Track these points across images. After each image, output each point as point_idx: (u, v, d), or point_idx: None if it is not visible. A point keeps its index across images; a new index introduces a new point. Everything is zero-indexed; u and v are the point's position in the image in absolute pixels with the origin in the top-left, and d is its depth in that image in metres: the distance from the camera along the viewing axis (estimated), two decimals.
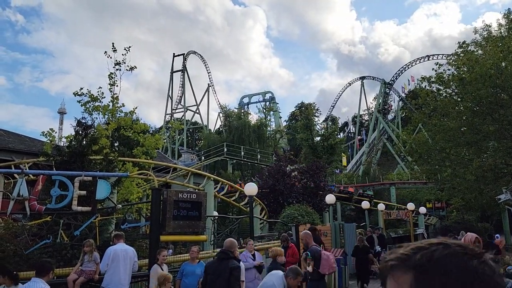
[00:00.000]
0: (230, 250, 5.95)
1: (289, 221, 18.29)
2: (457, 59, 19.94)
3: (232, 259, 5.85)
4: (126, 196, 14.22)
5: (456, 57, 20.18)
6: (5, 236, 8.73)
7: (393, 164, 62.84)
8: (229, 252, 5.92)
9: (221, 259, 5.89)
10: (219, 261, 5.94)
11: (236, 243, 6.25)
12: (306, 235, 7.83)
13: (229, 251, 5.94)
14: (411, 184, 39.51)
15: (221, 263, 5.83)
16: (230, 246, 6.00)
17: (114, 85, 15.25)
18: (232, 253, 5.94)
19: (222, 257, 5.91)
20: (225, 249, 6.00)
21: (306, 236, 7.81)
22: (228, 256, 5.86)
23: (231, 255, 5.89)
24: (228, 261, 5.77)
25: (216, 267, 5.86)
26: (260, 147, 44.09)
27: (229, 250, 5.96)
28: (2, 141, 20.95)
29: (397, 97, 76.45)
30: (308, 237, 7.78)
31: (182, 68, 74.49)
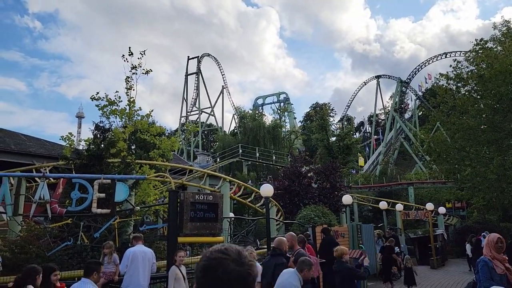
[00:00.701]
0: (279, 248, 6.50)
1: (306, 222, 18.20)
2: (475, 56, 19.53)
3: (280, 256, 6.41)
4: (143, 198, 14.38)
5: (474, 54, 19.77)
6: (28, 238, 8.94)
7: (411, 164, 61.95)
8: (277, 250, 6.48)
9: (272, 256, 6.50)
10: (270, 258, 6.56)
11: (285, 241, 6.78)
12: (292, 237, 7.33)
13: (278, 249, 6.49)
14: (430, 184, 38.86)
15: (270, 259, 6.45)
16: (279, 244, 6.56)
17: (130, 89, 15.46)
18: (280, 250, 6.47)
19: (272, 254, 6.56)
20: (275, 246, 6.59)
21: (292, 238, 7.28)
22: (277, 253, 6.43)
23: (278, 252, 6.45)
24: (276, 258, 6.34)
25: (266, 263, 6.50)
26: (275, 148, 44.05)
27: (278, 247, 6.51)
28: (23, 145, 21.45)
29: (414, 95, 75.37)
30: (294, 239, 7.29)
31: (196, 71, 75.05)
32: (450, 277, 16.38)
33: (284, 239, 6.90)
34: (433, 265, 19.83)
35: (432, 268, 19.49)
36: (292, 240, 7.20)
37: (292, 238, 7.26)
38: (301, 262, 5.41)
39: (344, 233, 13.46)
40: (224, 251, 1.27)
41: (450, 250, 25.68)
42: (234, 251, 1.27)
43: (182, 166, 21.95)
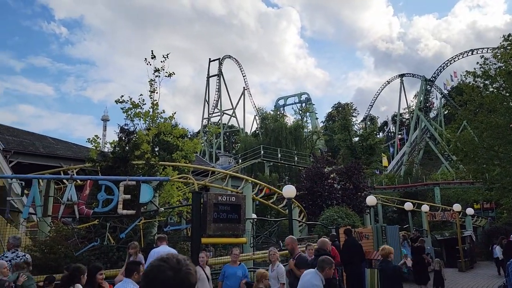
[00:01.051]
0: (323, 248, 6.86)
1: (329, 223, 18.05)
2: (503, 53, 18.93)
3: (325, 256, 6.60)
4: (167, 200, 14.57)
5: (503, 50, 19.16)
6: (57, 238, 9.21)
7: (437, 164, 60.49)
8: (321, 250, 6.80)
9: (317, 256, 6.79)
10: (315, 258, 6.83)
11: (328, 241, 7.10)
12: (292, 240, 7.10)
13: (322, 249, 6.84)
14: (457, 184, 37.86)
15: (316, 260, 6.67)
16: (323, 245, 6.95)
17: (154, 92, 15.69)
18: (324, 250, 6.79)
19: (317, 254, 6.85)
20: (319, 247, 6.94)
21: (292, 241, 7.04)
22: (321, 254, 6.65)
23: (323, 252, 6.72)
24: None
25: (312, 263, 6.75)
26: (297, 149, 43.86)
27: (322, 248, 6.87)
28: (52, 148, 22.12)
29: (439, 94, 73.60)
30: (294, 243, 7.03)
31: (218, 73, 75.60)
32: (479, 281, 15.90)
33: (327, 240, 7.15)
34: (461, 268, 19.30)
35: (460, 271, 18.97)
36: (292, 244, 7.03)
37: (292, 242, 7.08)
38: (322, 261, 5.42)
39: (369, 235, 13.26)
40: (164, 259, 1.47)
41: (478, 253, 24.92)
42: (174, 259, 1.46)
43: (205, 168, 22.15)
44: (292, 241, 7.06)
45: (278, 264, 7.53)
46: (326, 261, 5.40)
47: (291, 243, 7.01)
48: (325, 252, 6.74)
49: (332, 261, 5.59)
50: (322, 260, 5.42)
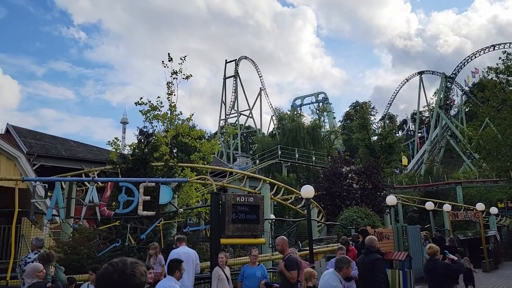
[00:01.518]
0: (371, 245, 6.94)
1: (348, 223, 17.88)
2: None
3: (374, 253, 6.87)
4: (185, 201, 14.71)
5: None
6: (79, 240, 9.40)
7: (459, 162, 59.19)
8: (370, 247, 6.92)
9: (366, 254, 6.93)
10: (365, 256, 6.98)
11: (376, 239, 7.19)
12: (283, 241, 6.94)
13: (371, 246, 6.92)
14: (480, 183, 36.97)
15: (366, 257, 6.89)
16: (371, 242, 7.01)
17: (171, 94, 15.86)
18: (373, 248, 6.92)
19: (366, 252, 6.95)
20: (368, 244, 6.99)
21: (283, 242, 6.89)
22: (371, 251, 6.87)
23: (372, 250, 6.89)
24: (371, 255, 6.79)
25: (362, 261, 6.94)
26: (314, 149, 43.59)
27: (370, 245, 6.94)
28: (73, 151, 22.60)
29: (460, 91, 72.03)
30: (285, 243, 6.89)
31: (234, 74, 75.89)
32: (504, 281, 15.49)
33: (375, 238, 7.24)
34: (486, 268, 18.84)
35: (485, 271, 18.51)
36: (283, 244, 6.88)
37: (283, 242, 6.91)
38: (339, 261, 5.41)
39: (389, 235, 13.08)
40: (112, 263, 1.67)
41: (503, 253, 24.29)
42: (120, 263, 1.65)
43: (222, 169, 22.24)
44: (283, 241, 6.93)
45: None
46: (343, 260, 5.38)
47: (281, 244, 6.87)
48: (373, 249, 6.90)
49: (349, 260, 5.59)
50: (339, 260, 5.40)
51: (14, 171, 12.73)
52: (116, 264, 1.64)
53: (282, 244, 6.86)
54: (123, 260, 1.68)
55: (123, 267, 1.63)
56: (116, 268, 1.63)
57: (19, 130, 22.31)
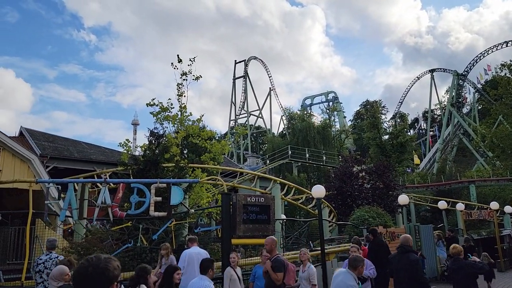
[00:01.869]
0: (407, 244, 6.91)
1: (360, 223, 17.76)
2: None
3: (411, 252, 6.87)
4: (196, 201, 14.77)
5: None
6: (92, 240, 9.50)
7: (471, 161, 58.40)
8: (406, 247, 6.87)
9: (402, 253, 6.86)
10: (400, 255, 6.90)
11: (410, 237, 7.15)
12: (272, 241, 6.68)
13: (406, 245, 6.89)
14: (493, 182, 36.37)
15: (402, 256, 6.80)
16: (406, 241, 6.96)
17: (181, 96, 15.95)
18: (409, 247, 6.90)
19: (402, 251, 6.88)
20: (403, 244, 6.95)
21: (272, 242, 6.64)
22: (406, 250, 6.83)
23: (408, 249, 6.87)
24: (408, 254, 6.74)
25: (398, 260, 6.86)
26: (325, 149, 43.40)
27: (406, 244, 6.91)
28: (86, 153, 22.86)
29: (472, 88, 71.06)
30: (273, 243, 6.64)
31: (244, 74, 75.97)
32: None
33: (409, 236, 7.18)
34: (501, 268, 18.53)
35: (499, 271, 18.21)
36: (271, 244, 6.64)
37: (272, 242, 6.66)
38: (354, 260, 5.37)
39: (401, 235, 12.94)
40: (87, 259, 1.88)
41: None
42: (95, 258, 1.86)
43: (233, 169, 22.28)
44: (272, 241, 6.70)
45: (309, 265, 7.47)
46: (357, 259, 5.36)
47: (270, 244, 6.63)
48: (409, 248, 6.90)
49: (363, 258, 5.62)
50: (354, 259, 5.36)
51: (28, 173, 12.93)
52: (91, 259, 1.85)
53: (271, 244, 6.64)
54: (98, 256, 1.88)
55: (97, 262, 1.83)
56: (90, 262, 1.83)
57: (32, 132, 22.64)
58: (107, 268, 1.81)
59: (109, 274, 1.81)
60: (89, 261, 1.84)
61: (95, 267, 1.80)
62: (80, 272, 1.81)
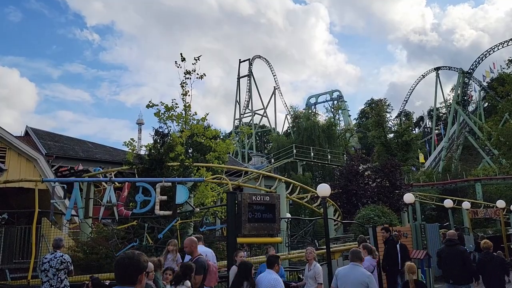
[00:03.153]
0: (454, 238, 7.82)
1: (365, 222, 17.68)
2: None
3: (458, 244, 7.77)
4: (201, 200, 14.77)
5: None
6: (98, 239, 9.53)
7: (477, 159, 58.05)
8: (454, 240, 7.77)
9: (450, 246, 7.74)
10: (448, 247, 7.77)
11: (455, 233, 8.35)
12: (191, 242, 6.43)
13: (454, 239, 7.78)
14: (500, 180, 36.10)
15: (451, 248, 7.67)
16: (453, 235, 7.91)
17: (186, 95, 15.93)
18: (456, 241, 7.78)
19: (450, 244, 7.76)
20: (450, 237, 7.84)
21: (191, 243, 6.41)
22: (455, 243, 7.72)
23: (456, 242, 7.77)
24: (457, 246, 7.66)
25: (448, 252, 7.68)
26: (330, 147, 43.29)
27: (453, 238, 7.82)
28: (91, 152, 22.95)
29: (478, 86, 70.58)
30: (193, 244, 6.42)
31: (248, 73, 75.93)
32: None
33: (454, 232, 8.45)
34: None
35: None
36: (191, 246, 6.39)
37: (191, 244, 6.40)
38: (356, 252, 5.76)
39: (407, 233, 12.89)
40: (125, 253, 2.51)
41: None
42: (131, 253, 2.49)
43: (238, 168, 22.27)
44: (191, 242, 6.43)
45: (315, 264, 7.44)
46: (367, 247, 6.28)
47: (189, 245, 6.39)
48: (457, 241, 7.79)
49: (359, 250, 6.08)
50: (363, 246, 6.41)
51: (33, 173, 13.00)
52: (127, 254, 2.49)
53: (190, 246, 6.40)
54: (132, 251, 2.53)
55: (131, 255, 2.45)
56: (127, 255, 2.46)
57: (38, 132, 22.75)
58: (139, 260, 2.44)
59: (140, 265, 2.43)
60: (126, 254, 2.47)
61: (130, 259, 2.42)
62: (119, 262, 2.44)
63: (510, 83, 18.85)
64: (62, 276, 6.79)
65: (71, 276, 7.09)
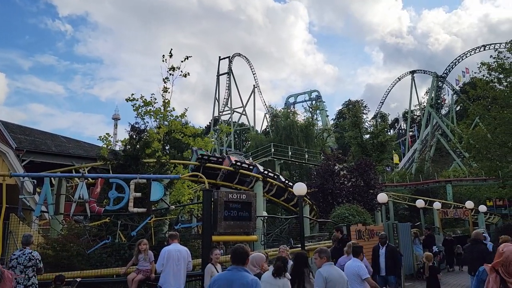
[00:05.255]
0: (478, 238, 8.91)
1: (340, 221, 17.93)
2: None
3: (481, 243, 8.90)
4: (177, 198, 14.63)
5: None
6: (69, 236, 9.27)
7: (449, 161, 59.78)
8: (478, 239, 8.81)
9: (474, 244, 8.80)
10: (472, 246, 8.84)
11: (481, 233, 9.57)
12: None
13: (478, 239, 8.87)
14: (469, 182, 37.38)
15: (475, 247, 8.73)
16: (478, 235, 9.07)
17: (166, 91, 15.68)
18: (479, 240, 8.86)
19: (474, 243, 8.82)
20: (475, 237, 8.96)
21: None
22: (479, 242, 8.83)
23: (480, 241, 8.87)
24: (480, 245, 8.77)
25: (471, 250, 8.78)
26: (307, 147, 43.66)
27: (477, 237, 8.93)
28: (64, 147, 22.36)
29: (451, 90, 72.68)
30: None
31: (228, 71, 75.66)
32: None
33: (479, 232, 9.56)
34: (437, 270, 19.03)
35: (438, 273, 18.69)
36: None
37: None
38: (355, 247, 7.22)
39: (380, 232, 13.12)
40: (238, 244, 4.14)
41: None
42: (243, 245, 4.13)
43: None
44: None
45: (289, 262, 7.47)
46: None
47: None
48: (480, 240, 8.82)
49: None
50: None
51: (2, 167, 12.55)
52: (238, 245, 4.00)
53: None
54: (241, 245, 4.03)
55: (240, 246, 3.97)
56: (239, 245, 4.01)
57: (7, 125, 21.98)
58: (243, 248, 3.96)
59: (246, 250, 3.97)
60: (239, 246, 4.00)
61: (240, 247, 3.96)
62: (235, 249, 3.91)
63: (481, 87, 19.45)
64: (30, 274, 6.59)
65: (41, 274, 6.89)
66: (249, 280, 3.75)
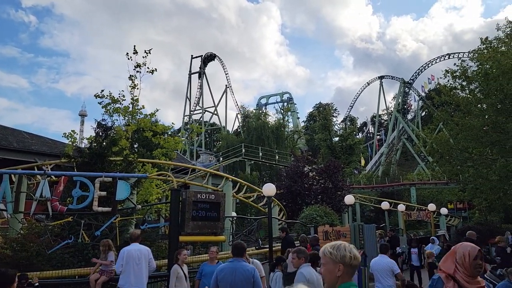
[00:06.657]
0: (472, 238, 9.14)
1: (308, 222, 18.17)
2: (480, 55, 19.33)
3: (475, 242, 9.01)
4: (145, 197, 14.38)
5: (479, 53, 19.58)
6: (29, 236, 8.92)
7: (413, 165, 61.83)
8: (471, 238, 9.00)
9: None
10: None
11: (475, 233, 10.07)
12: None
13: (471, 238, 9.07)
14: (432, 185, 38.76)
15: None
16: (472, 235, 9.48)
17: (134, 88, 15.41)
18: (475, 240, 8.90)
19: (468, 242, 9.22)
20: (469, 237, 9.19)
21: None
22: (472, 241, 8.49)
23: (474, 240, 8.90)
24: None
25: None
26: (278, 148, 43.97)
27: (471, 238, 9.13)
28: (26, 143, 21.50)
29: (417, 96, 75.24)
30: None
31: (199, 70, 75.11)
32: None
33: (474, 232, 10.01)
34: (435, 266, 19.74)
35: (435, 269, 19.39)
36: None
37: None
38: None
39: (346, 233, 13.38)
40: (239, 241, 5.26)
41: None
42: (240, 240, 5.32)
43: (185, 165, 21.94)
44: None
45: (253, 260, 7.49)
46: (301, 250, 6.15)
47: None
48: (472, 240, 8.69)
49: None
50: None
51: None
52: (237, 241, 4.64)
53: None
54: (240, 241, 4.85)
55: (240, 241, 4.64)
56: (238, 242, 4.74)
57: None
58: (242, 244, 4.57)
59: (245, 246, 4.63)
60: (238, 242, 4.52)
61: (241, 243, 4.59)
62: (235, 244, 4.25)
63: (446, 93, 20.20)
64: None
65: None
66: (249, 268, 4.89)
